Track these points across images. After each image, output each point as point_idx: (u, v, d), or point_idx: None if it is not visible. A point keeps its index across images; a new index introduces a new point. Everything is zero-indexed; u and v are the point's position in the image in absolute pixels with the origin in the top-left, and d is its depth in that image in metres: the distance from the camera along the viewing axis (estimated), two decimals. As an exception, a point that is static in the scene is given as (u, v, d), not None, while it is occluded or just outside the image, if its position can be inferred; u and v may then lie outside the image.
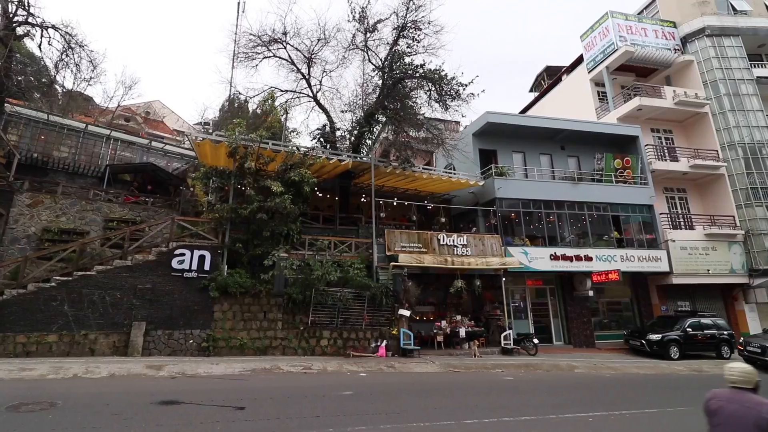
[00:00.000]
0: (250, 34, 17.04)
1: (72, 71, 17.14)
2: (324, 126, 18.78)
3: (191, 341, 11.39)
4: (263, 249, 12.80)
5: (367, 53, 17.17)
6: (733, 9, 23.40)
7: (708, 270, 18.33)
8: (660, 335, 14.94)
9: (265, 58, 17.57)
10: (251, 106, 25.22)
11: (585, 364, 13.12)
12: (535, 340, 14.72)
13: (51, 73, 19.34)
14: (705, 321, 15.62)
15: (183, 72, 76.44)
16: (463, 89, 16.03)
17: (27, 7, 14.98)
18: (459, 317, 15.29)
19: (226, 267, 12.55)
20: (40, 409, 5.92)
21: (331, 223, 16.62)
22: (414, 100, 16.58)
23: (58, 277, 10.82)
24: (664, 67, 23.12)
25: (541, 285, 17.90)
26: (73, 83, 22.45)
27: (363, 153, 17.84)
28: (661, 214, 19.33)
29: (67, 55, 16.32)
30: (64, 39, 15.94)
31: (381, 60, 16.95)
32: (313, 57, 17.58)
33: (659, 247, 18.24)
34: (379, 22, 16.74)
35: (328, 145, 17.70)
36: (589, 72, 23.70)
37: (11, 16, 14.68)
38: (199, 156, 14.97)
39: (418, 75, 16.09)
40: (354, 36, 17.21)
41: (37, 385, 7.48)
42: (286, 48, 17.34)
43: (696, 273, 18.24)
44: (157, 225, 13.10)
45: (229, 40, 37.91)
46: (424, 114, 16.91)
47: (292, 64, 17.62)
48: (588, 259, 16.84)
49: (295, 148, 14.49)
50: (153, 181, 18.25)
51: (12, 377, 7.97)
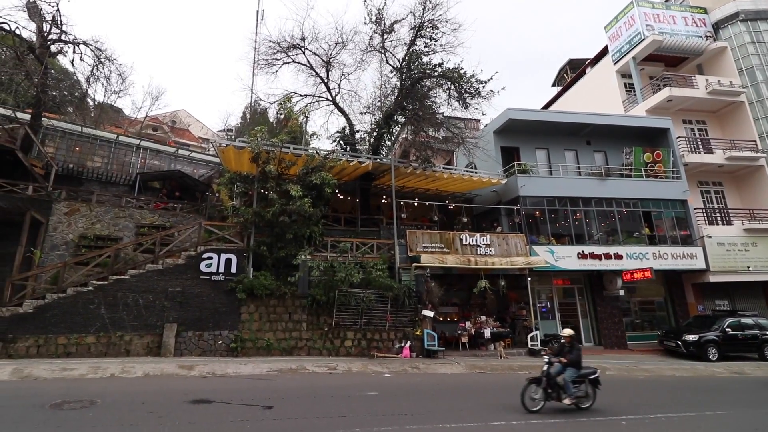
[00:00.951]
0: (270, 41, 17.39)
1: (102, 84, 18.01)
2: (343, 129, 18.94)
3: (220, 342, 11.69)
4: (287, 251, 13.02)
5: (385, 54, 17.21)
6: (770, -9, 22.17)
7: (748, 267, 17.39)
8: (697, 336, 14.26)
9: (284, 64, 17.87)
10: (272, 112, 25.74)
11: (617, 365, 12.66)
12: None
13: (83, 87, 20.35)
14: (746, 320, 14.80)
15: (206, 81, 78.85)
16: (483, 86, 15.85)
17: (60, 25, 15.80)
18: (483, 318, 15.06)
19: (252, 270, 12.82)
20: (81, 407, 6.21)
21: (353, 224, 16.72)
22: (433, 99, 16.50)
23: (94, 282, 11.32)
24: (695, 55, 22.14)
25: (568, 284, 17.42)
26: (104, 96, 23.60)
27: (383, 154, 17.89)
28: (695, 209, 18.48)
29: (97, 69, 17.16)
30: (95, 54, 16.74)
31: (399, 61, 16.95)
32: (331, 61, 17.76)
33: (694, 244, 17.43)
34: (395, 22, 16.75)
35: (348, 148, 17.83)
36: (614, 63, 22.95)
37: (46, 34, 15.52)
38: (223, 162, 15.37)
39: (436, 74, 16.00)
40: (371, 38, 17.29)
41: (77, 385, 7.85)
42: (304, 53, 17.60)
43: (735, 270, 17.33)
44: (185, 230, 13.52)
45: (249, 48, 39.01)
46: (443, 113, 16.80)
47: (311, 68, 17.85)
48: (618, 257, 16.27)
49: (315, 152, 14.67)
50: (180, 187, 18.87)
51: (54, 377, 8.40)
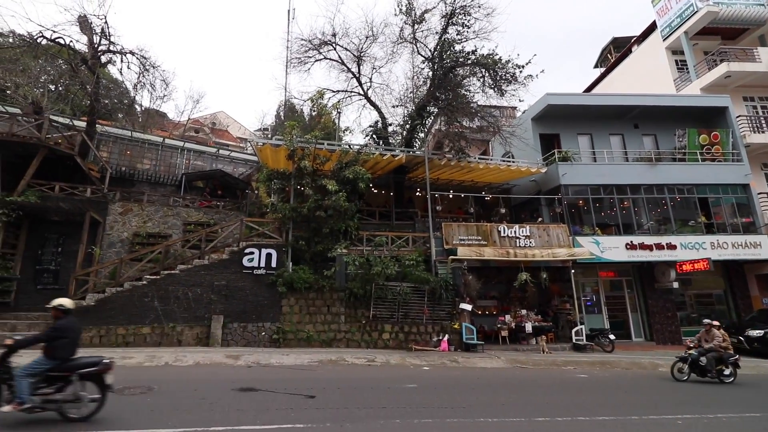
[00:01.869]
0: (302, 39, 17.64)
1: (148, 91, 18.93)
2: (376, 122, 18.93)
3: (263, 333, 12.13)
4: (324, 246, 13.26)
5: (416, 45, 16.97)
6: None
7: (823, 256, 15.74)
8: (762, 331, 13.11)
9: (316, 61, 18.11)
10: (306, 109, 26.18)
11: (671, 362, 11.88)
12: (611, 336, 13.65)
13: (131, 94, 21.60)
14: (820, 315, 13.44)
15: (243, 83, 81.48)
16: (520, 72, 15.25)
17: (108, 37, 16.81)
18: (524, 311, 14.63)
19: (291, 264, 13.17)
20: (140, 393, 6.65)
21: (387, 218, 16.73)
22: (466, 88, 16.07)
23: (148, 276, 12.08)
24: (757, 25, 20.13)
25: (615, 277, 16.55)
26: (150, 101, 24.88)
27: (416, 147, 17.72)
28: (759, 194, 16.93)
29: (143, 77, 18.12)
30: (140, 62, 17.69)
31: (430, 50, 16.65)
32: (362, 55, 17.77)
33: (759, 232, 15.98)
34: (426, 11, 16.45)
35: (381, 141, 17.82)
36: (663, 40, 21.34)
37: (96, 46, 16.57)
38: (261, 160, 15.84)
39: (469, 62, 15.57)
40: (402, 29, 17.11)
41: (136, 372, 8.42)
42: (335, 49, 17.72)
43: (807, 260, 15.74)
44: (228, 226, 14.08)
45: (282, 48, 39.82)
46: (477, 102, 16.36)
47: (343, 64, 17.95)
48: (671, 247, 15.24)
49: (348, 147, 14.77)
50: (222, 186, 19.66)
51: (116, 364, 9.03)
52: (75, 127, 15.92)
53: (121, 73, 17.93)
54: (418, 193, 18.16)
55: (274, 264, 12.86)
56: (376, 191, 17.85)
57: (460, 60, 15.71)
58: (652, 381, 9.63)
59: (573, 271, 14.39)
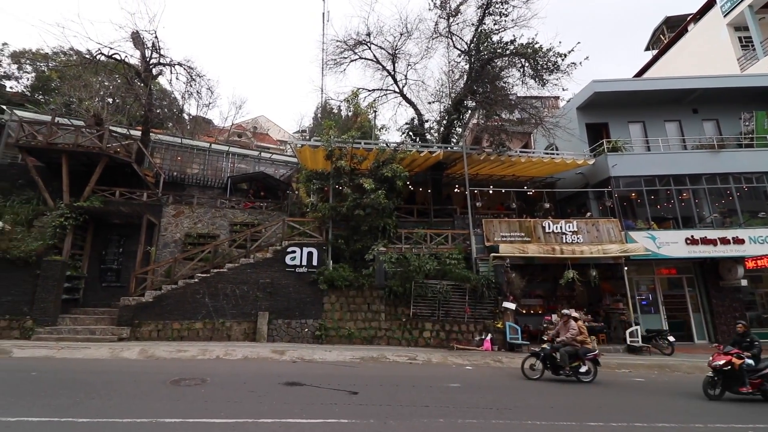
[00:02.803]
0: (337, 41, 17.88)
1: (195, 99, 20.04)
2: (412, 119, 18.82)
3: (306, 330, 12.43)
4: (362, 244, 13.35)
5: (451, 39, 16.66)
6: None
7: None
8: None
9: (351, 61, 18.27)
10: (342, 110, 26.54)
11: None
12: (670, 338, 12.68)
13: (179, 103, 22.95)
14: None
15: (281, 87, 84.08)
16: (562, 60, 14.56)
17: (158, 50, 17.95)
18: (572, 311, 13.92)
19: (331, 262, 13.38)
20: (194, 384, 7.01)
21: (426, 216, 16.57)
22: (505, 79, 15.57)
23: (199, 274, 12.75)
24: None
25: (674, 274, 15.38)
26: (197, 109, 26.32)
27: (453, 142, 17.40)
28: None
29: (190, 86, 19.22)
30: (188, 72, 18.76)
31: (466, 43, 16.29)
32: (396, 52, 17.71)
33: None
34: (461, 3, 16.12)
35: (417, 138, 17.67)
36: (724, 15, 19.56)
37: (148, 60, 17.73)
38: (300, 161, 16.22)
39: (508, 52, 15.06)
40: (436, 23, 16.85)
41: (190, 364, 8.91)
42: (370, 48, 17.79)
43: None
44: (271, 226, 14.56)
45: (318, 51, 40.59)
46: (516, 93, 15.80)
47: (377, 62, 17.98)
48: (738, 241, 13.93)
49: (385, 145, 14.77)
50: (264, 187, 20.38)
51: (172, 357, 9.63)
52: (131, 136, 17.10)
53: (170, 84, 19.14)
54: (456, 190, 17.83)
55: (315, 262, 13.13)
56: (413, 188, 17.73)
57: (498, 51, 15.23)
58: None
59: (626, 268, 13.53)
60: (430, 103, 19.10)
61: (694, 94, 16.29)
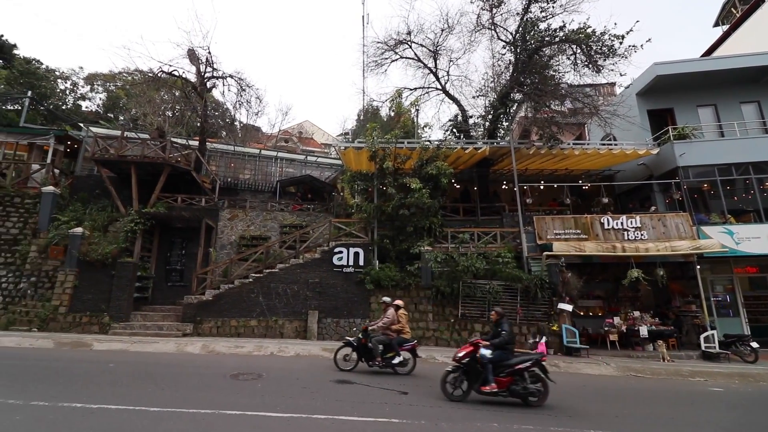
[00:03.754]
0: (377, 42, 17.96)
1: (245, 108, 21.06)
2: (456, 116, 18.48)
3: (354, 329, 12.55)
4: (408, 243, 13.28)
5: (495, 30, 16.11)
6: None
7: None
8: None
9: (392, 61, 18.26)
10: (383, 110, 26.68)
11: None
12: (754, 344, 11.32)
13: (231, 112, 24.26)
14: None
15: (325, 91, 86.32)
16: (619, 43, 13.55)
17: (212, 65, 19.10)
18: (637, 313, 12.91)
19: (377, 262, 13.44)
20: (251, 379, 7.31)
21: (472, 214, 16.15)
22: (555, 68, 14.77)
23: (253, 274, 13.35)
24: None
25: (756, 273, 13.77)
26: (247, 117, 27.71)
27: (499, 137, 16.83)
28: None
29: (241, 96, 20.24)
30: (238, 84, 19.76)
31: (511, 34, 15.68)
32: (438, 49, 17.47)
33: None
34: (505, -7, 15.52)
35: (462, 135, 17.29)
36: (813, -20, 17.18)
37: (203, 74, 18.90)
38: (344, 163, 16.48)
39: (557, 40, 14.29)
40: (479, 16, 16.40)
41: (247, 360, 9.32)
42: (411, 47, 17.68)
43: None
44: (318, 228, 14.92)
45: (359, 53, 41.19)
46: (567, 82, 14.94)
47: (419, 60, 17.83)
48: (837, 235, 12.16)
49: (428, 143, 14.59)
50: (311, 189, 20.96)
51: (230, 352, 10.14)
52: (190, 146, 18.29)
53: (223, 95, 20.33)
54: (504, 186, 17.23)
55: (361, 262, 13.26)
56: (459, 186, 17.37)
57: (546, 39, 14.50)
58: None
59: (699, 266, 12.30)
60: (474, 98, 18.70)
61: (776, 70, 14.49)
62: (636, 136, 15.16)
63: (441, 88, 17.91)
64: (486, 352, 6.35)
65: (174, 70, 18.32)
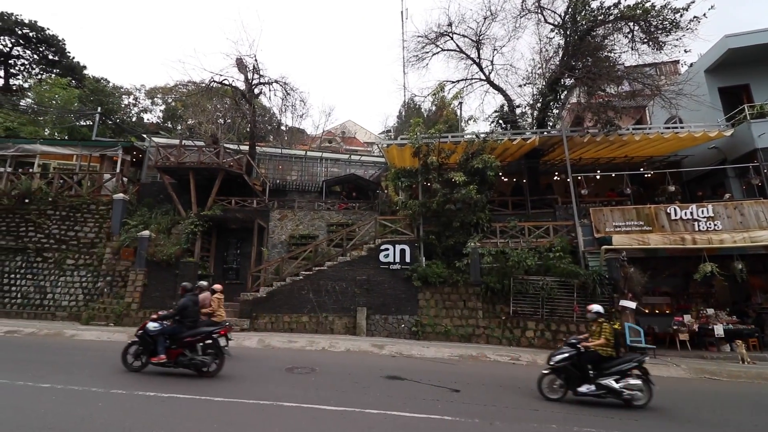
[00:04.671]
0: (418, 36, 17.74)
1: (291, 112, 21.79)
2: (501, 106, 17.82)
3: (402, 326, 12.61)
4: (455, 239, 13.06)
5: (542, 13, 15.37)
6: None
7: None
8: None
9: (433, 55, 17.96)
10: (426, 105, 26.40)
11: None
12: None
13: (277, 117, 25.22)
14: None
15: (366, 90, 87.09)
16: (680, 16, 12.37)
17: (258, 72, 19.93)
18: (711, 311, 11.77)
19: (424, 258, 13.35)
20: (305, 372, 7.58)
21: (522, 208, 15.52)
22: (610, 49, 13.78)
23: (303, 272, 13.80)
24: None
25: None
26: (292, 120, 28.69)
27: (549, 126, 16.03)
28: None
29: (286, 100, 20.97)
30: (283, 88, 20.47)
31: (560, 16, 14.87)
32: (481, 38, 16.93)
33: None
34: (552, -27, 14.73)
35: (508, 126, 16.66)
36: None
37: (251, 82, 19.77)
38: (387, 160, 16.51)
39: (612, 18, 13.34)
40: (523, 0, 15.66)
41: (300, 354, 9.67)
42: (452, 38, 17.30)
43: None
44: (364, 225, 15.12)
45: (399, 50, 40.97)
46: (624, 63, 13.88)
47: (461, 52, 17.41)
48: None
49: (474, 136, 14.22)
50: (356, 188, 21.27)
51: (284, 347, 10.57)
52: (241, 151, 19.26)
53: (269, 100, 21.13)
54: (556, 177, 16.39)
55: (408, 259, 13.24)
56: (507, 180, 16.79)
57: (599, 19, 13.61)
58: None
59: (786, 259, 10.96)
60: (520, 86, 17.97)
61: None
62: (705, 117, 13.77)
63: (485, 78, 17.37)
64: (154, 324, 7.13)
65: (224, 80, 19.36)
